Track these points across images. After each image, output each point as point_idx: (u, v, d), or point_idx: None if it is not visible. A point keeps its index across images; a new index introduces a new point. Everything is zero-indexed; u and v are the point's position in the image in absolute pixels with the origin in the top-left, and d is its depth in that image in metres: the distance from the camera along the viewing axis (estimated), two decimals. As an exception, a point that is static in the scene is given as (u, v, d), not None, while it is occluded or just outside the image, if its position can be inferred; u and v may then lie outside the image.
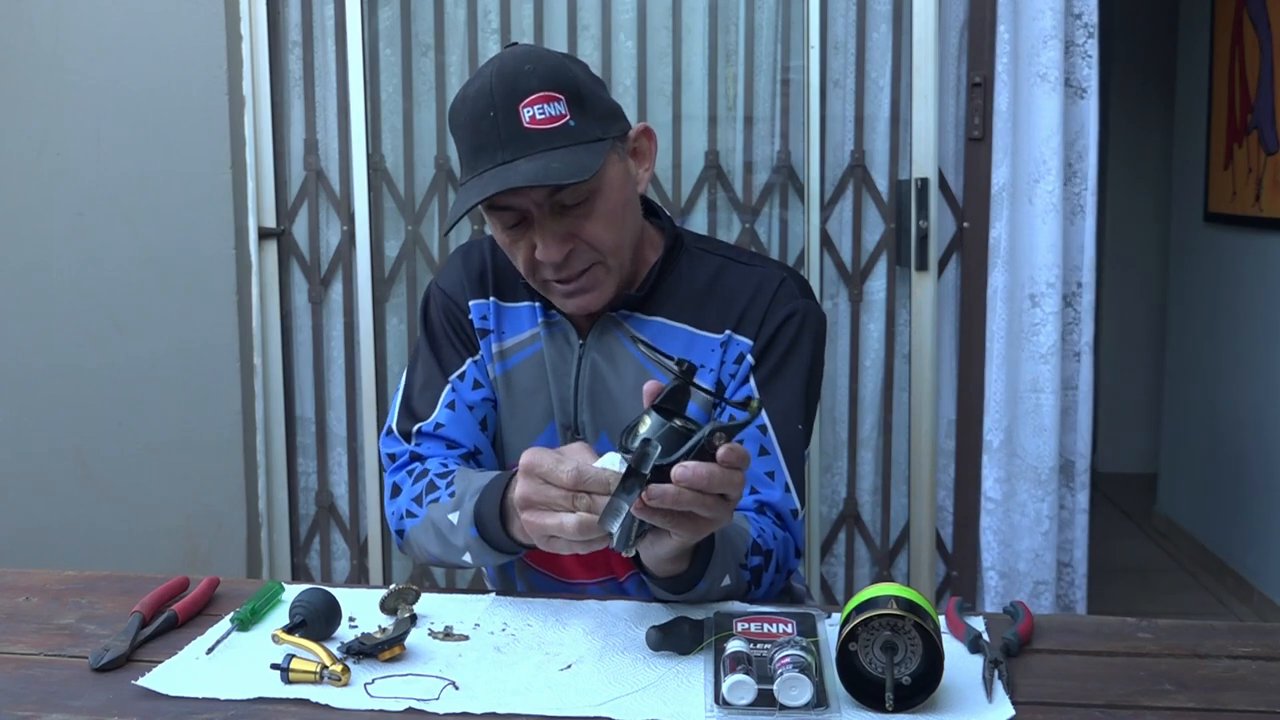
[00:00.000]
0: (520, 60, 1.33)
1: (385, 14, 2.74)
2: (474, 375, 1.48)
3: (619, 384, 1.42)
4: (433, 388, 1.48)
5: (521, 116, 1.29)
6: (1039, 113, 2.52)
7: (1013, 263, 2.57)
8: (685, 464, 1.06)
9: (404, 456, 1.47)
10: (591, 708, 1.05)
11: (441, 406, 1.46)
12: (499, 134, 1.30)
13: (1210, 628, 1.25)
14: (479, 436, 1.48)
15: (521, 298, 1.48)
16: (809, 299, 1.46)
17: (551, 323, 1.47)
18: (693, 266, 1.47)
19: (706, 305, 1.44)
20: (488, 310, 1.49)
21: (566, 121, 1.30)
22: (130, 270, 2.65)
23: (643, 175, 1.42)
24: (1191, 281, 4.05)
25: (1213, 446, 3.84)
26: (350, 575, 2.86)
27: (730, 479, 1.08)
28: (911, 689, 1.05)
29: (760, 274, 1.45)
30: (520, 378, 1.47)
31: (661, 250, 1.46)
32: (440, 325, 1.51)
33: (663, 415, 1.10)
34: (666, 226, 1.49)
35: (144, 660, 1.15)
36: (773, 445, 1.39)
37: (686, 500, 1.07)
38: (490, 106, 1.30)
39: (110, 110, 2.62)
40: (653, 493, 1.06)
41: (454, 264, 1.54)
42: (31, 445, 2.71)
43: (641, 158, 1.42)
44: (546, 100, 1.30)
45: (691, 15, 2.69)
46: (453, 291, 1.51)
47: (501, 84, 1.30)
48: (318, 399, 2.84)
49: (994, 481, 2.61)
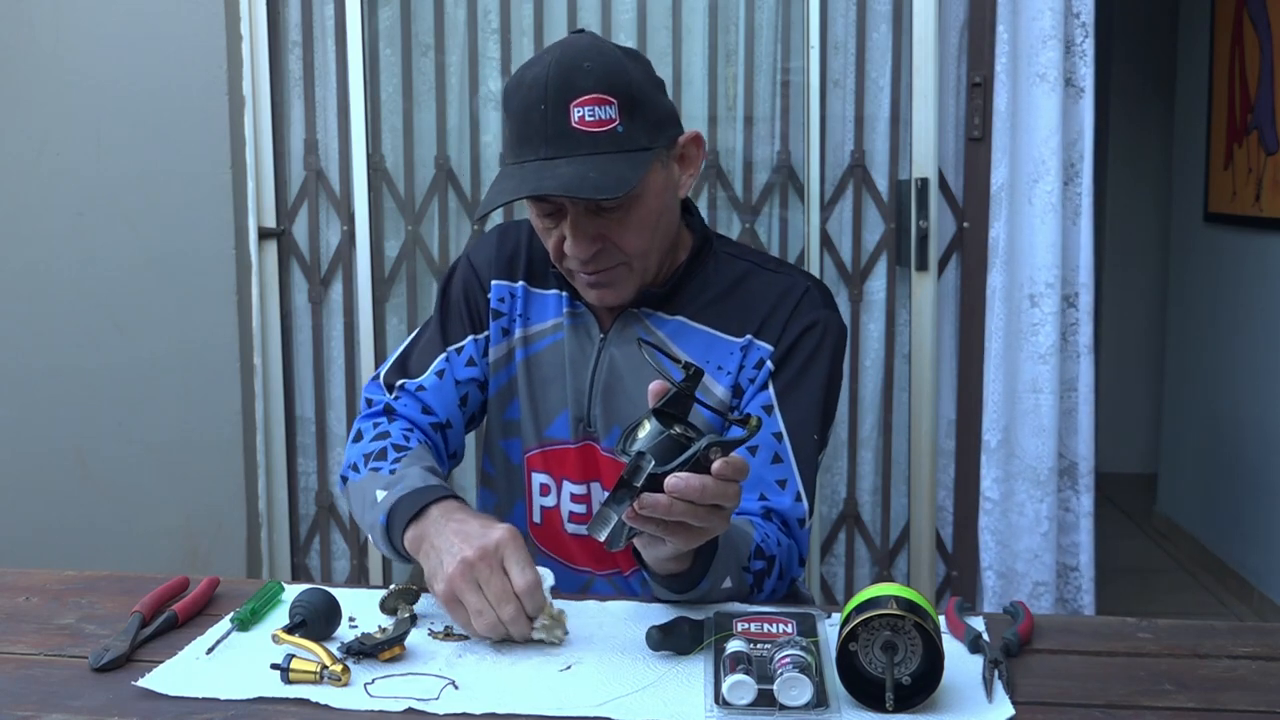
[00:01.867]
0: (581, 55, 1.32)
1: (385, 14, 2.74)
2: (471, 352, 1.50)
3: (635, 380, 1.42)
4: (430, 351, 1.51)
5: (571, 115, 1.29)
6: (1038, 113, 2.52)
7: (1011, 263, 2.57)
8: (679, 475, 1.06)
9: (379, 405, 1.49)
10: (591, 708, 1.05)
11: (431, 372, 1.49)
12: (546, 129, 1.30)
13: (1210, 628, 1.25)
14: (455, 411, 1.50)
15: (551, 285, 1.50)
16: (831, 310, 1.46)
17: (576, 313, 1.48)
18: (719, 269, 1.47)
19: (729, 308, 1.44)
20: (510, 293, 1.51)
21: (615, 127, 1.30)
22: (130, 270, 2.65)
23: (686, 180, 1.42)
24: (1191, 281, 4.05)
25: (1213, 446, 3.84)
26: (350, 575, 2.86)
27: (724, 491, 1.08)
28: (911, 689, 1.05)
29: (785, 282, 1.46)
30: (541, 365, 1.49)
31: (690, 250, 1.47)
32: (457, 295, 1.53)
33: (663, 420, 1.10)
34: (697, 227, 1.49)
35: (144, 660, 1.15)
36: (787, 453, 1.40)
37: (679, 511, 1.07)
38: (542, 99, 1.30)
39: (110, 110, 2.62)
40: (644, 501, 1.07)
41: (489, 241, 1.55)
42: (31, 445, 2.71)
43: (688, 164, 1.42)
44: (599, 103, 1.29)
45: (691, 15, 2.69)
46: (480, 267, 1.53)
47: (558, 77, 1.30)
48: (318, 399, 2.84)
49: (992, 481, 2.61)
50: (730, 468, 1.07)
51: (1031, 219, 2.55)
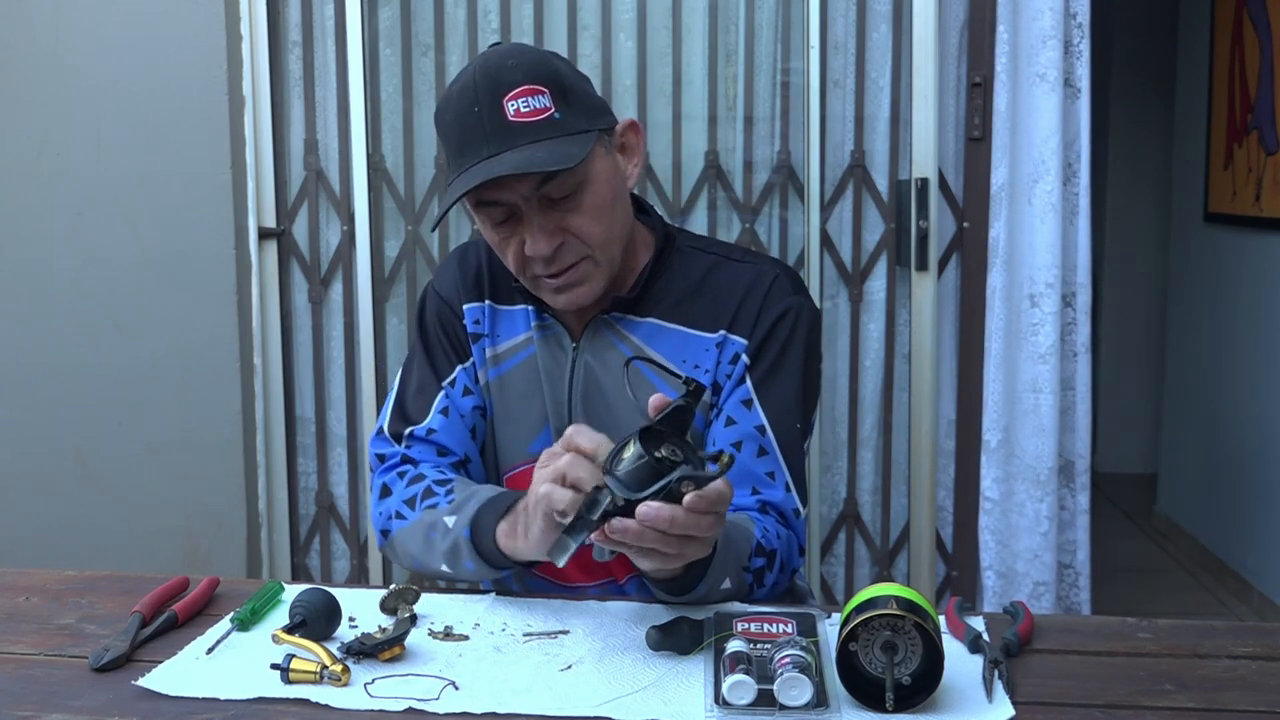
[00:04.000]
0: (504, 56, 1.33)
1: (385, 14, 2.74)
2: (463, 382, 1.48)
3: (613, 386, 1.42)
4: (426, 392, 1.48)
5: (506, 110, 1.29)
6: (1038, 113, 2.52)
7: (1011, 263, 2.57)
8: (649, 504, 1.06)
9: (394, 458, 1.47)
10: (591, 708, 1.05)
11: (435, 412, 1.46)
12: (484, 129, 1.30)
13: (1210, 628, 1.25)
14: (469, 445, 1.48)
15: (516, 301, 1.48)
16: (802, 295, 1.45)
17: (545, 326, 1.46)
18: (684, 265, 1.46)
19: (699, 304, 1.43)
20: (481, 314, 1.49)
21: (551, 114, 1.30)
22: (130, 270, 2.65)
23: (632, 170, 1.41)
24: (1191, 281, 4.05)
25: (1213, 446, 3.84)
26: (350, 575, 2.86)
27: (696, 523, 1.08)
28: (911, 689, 1.05)
29: (753, 271, 1.45)
30: (514, 381, 1.47)
31: (653, 249, 1.46)
32: (434, 330, 1.50)
33: (649, 441, 1.10)
34: (657, 225, 1.48)
35: (144, 660, 1.15)
36: (771, 445, 1.39)
37: (649, 539, 1.08)
38: (475, 102, 1.30)
39: (110, 110, 2.61)
40: (614, 527, 1.07)
41: (450, 266, 1.53)
42: (31, 445, 2.71)
43: (630, 153, 1.41)
44: (531, 93, 1.30)
45: (691, 15, 2.69)
46: (448, 295, 1.51)
47: (485, 79, 1.31)
48: (318, 399, 2.84)
49: (992, 481, 2.61)
50: (703, 501, 1.07)
51: (1031, 219, 2.55)
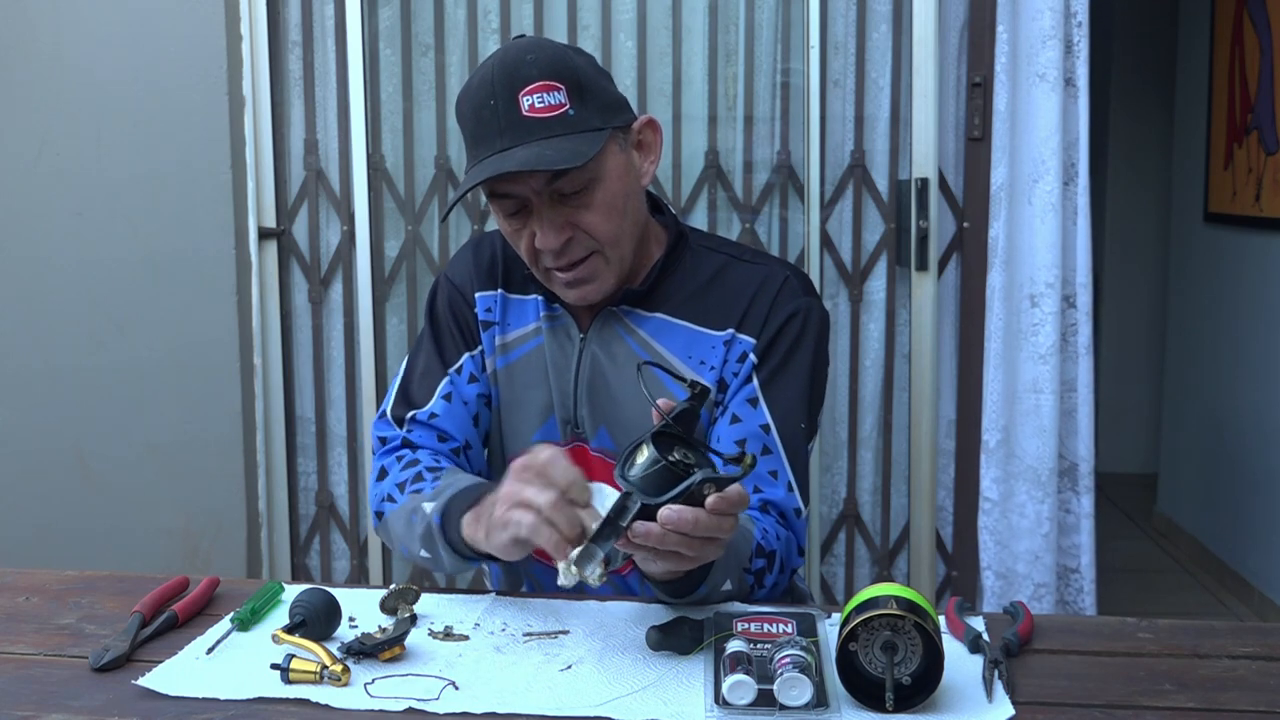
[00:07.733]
0: (523, 50, 1.34)
1: (385, 14, 2.73)
2: (470, 369, 1.49)
3: (619, 378, 1.43)
4: (431, 377, 1.50)
5: (521, 105, 1.31)
6: (1038, 113, 2.52)
7: (1011, 263, 2.57)
8: (672, 507, 1.07)
9: (395, 441, 1.48)
10: (591, 708, 1.05)
11: (438, 397, 1.48)
12: (498, 122, 1.31)
13: (1210, 628, 1.25)
14: (471, 431, 1.49)
15: (528, 291, 1.50)
16: (812, 297, 1.46)
17: (554, 316, 1.48)
18: (696, 263, 1.47)
19: (708, 302, 1.44)
20: (494, 302, 1.50)
21: (566, 110, 1.31)
22: (130, 270, 2.65)
23: (647, 168, 1.42)
24: (1191, 281, 4.05)
25: (1213, 446, 3.84)
26: (350, 575, 2.86)
27: (718, 525, 1.09)
28: (911, 689, 1.05)
29: (763, 272, 1.46)
30: (521, 370, 1.48)
31: (665, 246, 1.47)
32: (445, 316, 1.52)
33: (662, 445, 1.10)
34: (671, 223, 1.49)
35: (144, 660, 1.15)
36: (775, 444, 1.40)
37: (672, 542, 1.08)
38: (491, 95, 1.32)
39: (110, 110, 2.61)
40: (637, 530, 1.08)
41: (465, 255, 1.55)
42: (31, 445, 2.70)
43: (646, 150, 1.42)
44: (546, 89, 1.31)
45: (691, 15, 2.69)
46: (461, 283, 1.52)
47: (503, 73, 1.32)
48: (318, 399, 2.84)
49: (991, 482, 2.61)
50: (725, 503, 1.08)
51: (1031, 219, 2.55)
